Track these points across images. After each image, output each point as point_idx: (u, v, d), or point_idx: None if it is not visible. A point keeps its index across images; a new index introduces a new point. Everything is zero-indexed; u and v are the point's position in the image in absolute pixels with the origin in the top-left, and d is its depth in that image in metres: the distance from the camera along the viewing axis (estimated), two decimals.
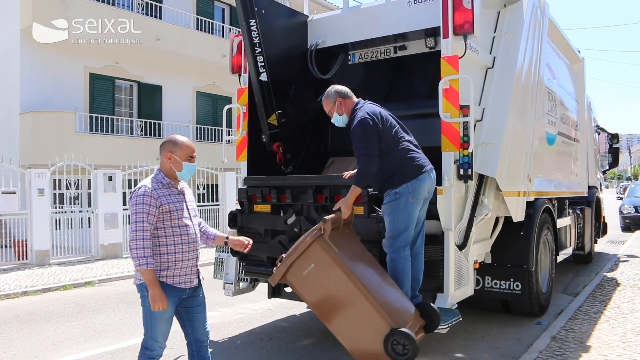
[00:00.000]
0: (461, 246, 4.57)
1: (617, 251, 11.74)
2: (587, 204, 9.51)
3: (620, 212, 16.90)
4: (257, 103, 5.41)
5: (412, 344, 3.47)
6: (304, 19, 6.16)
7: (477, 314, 6.12)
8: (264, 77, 5.29)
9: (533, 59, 5.76)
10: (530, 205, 5.86)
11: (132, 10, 16.34)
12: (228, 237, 3.67)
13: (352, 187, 4.01)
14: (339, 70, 6.24)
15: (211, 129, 18.48)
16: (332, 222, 3.71)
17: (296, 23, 6.06)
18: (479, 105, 4.93)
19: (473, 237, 4.74)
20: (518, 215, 5.41)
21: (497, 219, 5.50)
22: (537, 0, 5.96)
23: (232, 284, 5.61)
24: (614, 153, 12.61)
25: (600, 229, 11.02)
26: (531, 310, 5.97)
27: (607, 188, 45.68)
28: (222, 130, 5.90)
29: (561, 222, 7.29)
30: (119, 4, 16.25)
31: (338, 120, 4.39)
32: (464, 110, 4.36)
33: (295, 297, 5.02)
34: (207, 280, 3.65)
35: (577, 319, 5.87)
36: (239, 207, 5.32)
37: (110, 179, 11.50)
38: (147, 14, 16.48)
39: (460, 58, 4.40)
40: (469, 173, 4.44)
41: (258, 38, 5.21)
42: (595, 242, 10.59)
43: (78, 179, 11.63)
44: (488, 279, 5.78)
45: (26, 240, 10.52)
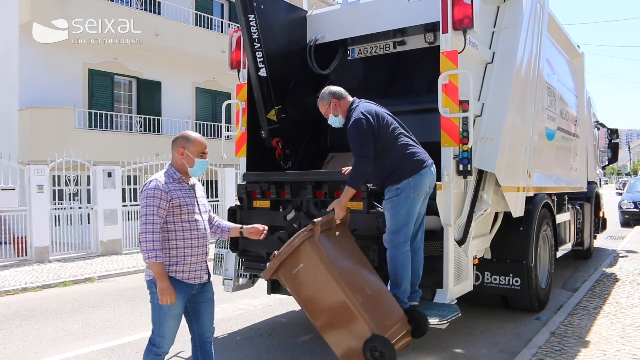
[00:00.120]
0: (460, 242, 4.57)
1: (617, 247, 11.74)
2: (587, 200, 9.51)
3: (620, 207, 16.92)
4: (256, 99, 5.40)
5: (389, 351, 3.48)
6: (303, 14, 6.15)
7: (477, 310, 6.13)
8: (263, 72, 5.28)
9: (532, 54, 5.74)
10: (529, 201, 5.86)
11: (130, 5, 16.31)
12: (242, 226, 3.69)
13: (346, 188, 3.99)
14: (338, 66, 6.24)
15: (210, 124, 18.47)
16: (324, 224, 3.73)
17: (295, 18, 6.05)
18: (479, 100, 4.92)
19: (472, 232, 4.73)
20: (517, 211, 5.41)
21: (496, 215, 5.49)
22: None
23: (231, 279, 5.61)
24: (613, 148, 12.61)
25: (600, 224, 11.03)
26: (530, 305, 5.98)
27: (607, 183, 45.68)
28: (221, 126, 5.87)
29: (560, 218, 7.29)
30: (118, 0, 16.19)
31: (334, 122, 4.38)
32: (464, 105, 4.35)
33: None
34: None
35: (576, 314, 5.89)
36: (238, 203, 5.32)
37: (109, 175, 11.48)
38: (146, 10, 16.44)
39: (459, 53, 4.39)
40: (469, 168, 4.42)
41: (257, 33, 5.19)
42: (595, 237, 10.60)
43: (77, 175, 11.63)
44: (487, 275, 5.79)
45: (26, 237, 10.52)
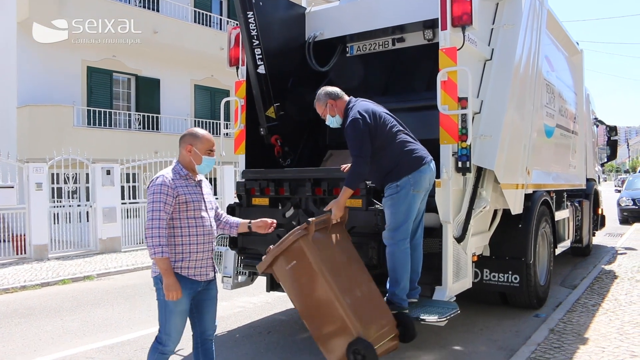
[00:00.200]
0: (459, 239, 4.56)
1: (615, 244, 11.76)
2: (585, 197, 9.52)
3: (619, 204, 16.94)
4: (254, 96, 5.39)
5: (370, 355, 3.49)
6: (301, 11, 6.13)
7: (476, 307, 6.13)
8: (261, 69, 5.27)
9: (531, 50, 5.74)
10: (528, 198, 5.86)
11: (129, 3, 16.25)
12: (250, 221, 3.69)
13: (344, 188, 3.98)
14: (337, 63, 6.23)
15: (209, 122, 18.43)
16: (320, 223, 3.74)
17: (294, 15, 6.03)
18: (477, 97, 4.91)
19: (471, 229, 4.72)
20: (516, 208, 5.41)
21: (495, 212, 5.49)
22: None
23: (230, 277, 5.61)
24: (612, 145, 12.60)
25: (598, 221, 11.03)
26: (529, 302, 5.98)
27: (605, 181, 45.70)
28: (220, 123, 5.87)
29: (559, 215, 7.30)
30: None
31: (332, 122, 4.38)
32: (462, 102, 4.34)
33: None
34: None
35: (575, 311, 5.89)
36: (237, 201, 5.32)
37: (108, 172, 11.46)
38: (144, 7, 16.39)
39: (458, 50, 4.37)
40: (467, 165, 4.42)
41: (256, 30, 5.18)
42: (593, 234, 10.61)
43: (76, 173, 11.60)
44: (486, 272, 5.79)
45: (24, 235, 10.50)
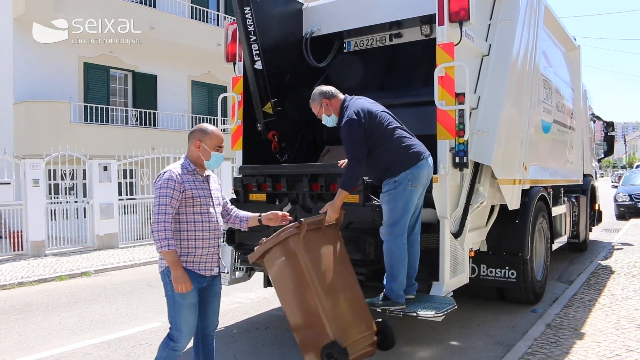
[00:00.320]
0: (457, 234, 4.57)
1: (612, 239, 11.79)
2: (582, 192, 9.53)
3: (615, 200, 16.97)
4: (252, 92, 5.39)
5: None
6: (298, 6, 6.12)
7: (473, 302, 6.15)
8: (258, 65, 5.26)
9: (529, 46, 5.73)
10: (525, 194, 5.87)
11: None
12: (261, 215, 3.68)
13: (339, 191, 3.97)
14: (335, 59, 6.23)
15: (206, 118, 18.39)
16: (313, 224, 3.75)
17: (291, 11, 6.02)
18: (475, 93, 4.91)
19: (468, 225, 4.73)
20: (513, 204, 5.42)
21: (492, 207, 5.49)
22: None
23: (227, 273, 5.61)
24: (609, 141, 12.62)
25: (595, 217, 11.06)
26: (526, 298, 6.00)
27: (602, 176, 45.86)
28: (217, 119, 5.86)
29: (556, 210, 7.31)
30: None
31: (328, 121, 4.37)
32: (460, 97, 4.35)
33: None
34: None
35: (572, 306, 5.92)
36: (234, 197, 5.32)
37: (105, 169, 11.44)
38: (141, 3, 16.31)
39: (455, 45, 4.37)
40: (465, 161, 4.42)
41: (253, 26, 5.17)
42: (590, 230, 10.63)
43: (73, 169, 11.57)
44: (483, 267, 5.80)
45: (21, 231, 10.48)
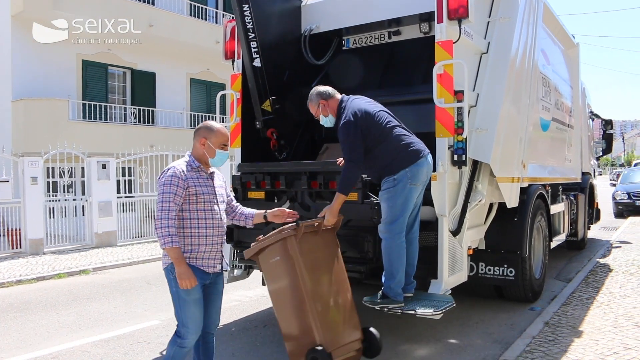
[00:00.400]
0: (455, 232, 4.57)
1: (610, 237, 11.80)
2: (581, 190, 9.54)
3: (614, 198, 16.97)
4: (250, 89, 5.38)
5: None
6: (297, 4, 6.10)
7: (471, 300, 6.15)
8: (257, 62, 5.25)
9: (528, 44, 5.72)
10: (524, 191, 5.87)
11: None
12: (266, 211, 3.68)
13: (337, 194, 3.96)
14: (333, 56, 6.21)
15: (205, 116, 18.38)
16: (310, 227, 3.75)
17: (290, 8, 6.00)
18: (473, 90, 4.89)
19: (467, 223, 4.73)
20: (512, 201, 5.41)
21: (491, 205, 5.49)
22: None
23: (226, 271, 5.59)
24: (607, 139, 12.64)
25: (594, 215, 11.07)
26: (524, 296, 6.00)
27: (601, 174, 45.83)
28: (216, 117, 5.85)
29: (555, 208, 7.31)
30: None
31: (325, 122, 4.36)
32: (458, 95, 4.34)
33: None
34: None
35: (570, 304, 5.92)
36: (232, 194, 5.31)
37: (104, 166, 11.42)
38: (139, 0, 16.27)
39: (454, 43, 4.36)
40: (463, 159, 4.42)
41: (251, 23, 5.16)
42: (589, 228, 10.65)
43: (71, 167, 11.56)
44: (482, 265, 5.80)
45: (20, 229, 10.47)
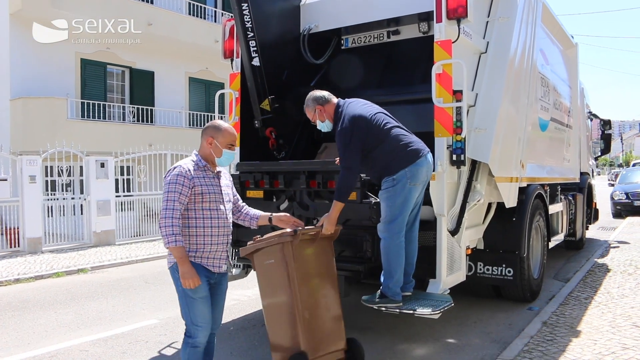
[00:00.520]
0: (454, 232, 4.57)
1: (608, 237, 11.81)
2: (579, 190, 9.55)
3: (612, 198, 17.01)
4: (249, 88, 5.37)
5: None
6: (296, 3, 6.09)
7: (469, 300, 6.16)
8: (256, 62, 5.25)
9: (526, 44, 5.72)
10: (522, 191, 5.87)
11: None
12: (272, 214, 3.67)
13: (334, 202, 3.92)
14: (332, 55, 6.21)
15: (204, 115, 18.38)
16: (307, 235, 3.75)
17: (289, 7, 5.99)
18: (472, 90, 4.90)
19: (465, 222, 4.74)
20: (510, 201, 5.42)
21: (489, 205, 5.50)
22: None
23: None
24: (606, 139, 12.66)
25: (592, 215, 11.09)
26: (523, 295, 6.01)
27: (599, 174, 45.91)
28: (214, 116, 5.84)
29: (553, 208, 7.32)
30: None
31: (322, 127, 4.34)
32: (457, 95, 4.34)
33: None
34: None
35: (568, 304, 5.93)
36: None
37: (102, 165, 11.41)
38: None
39: (453, 43, 4.36)
40: (462, 159, 4.42)
41: (250, 22, 5.15)
42: (587, 228, 10.65)
43: (70, 166, 11.55)
44: (480, 265, 5.81)
45: (18, 228, 10.45)
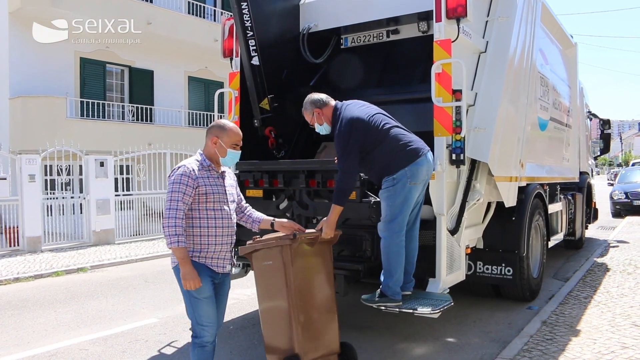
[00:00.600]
0: (453, 231, 4.57)
1: (608, 237, 11.82)
2: (579, 190, 9.55)
3: (611, 198, 17.01)
4: (249, 87, 5.37)
5: None
6: (296, 2, 6.08)
7: (469, 299, 6.16)
8: (255, 61, 5.24)
9: (526, 43, 5.72)
10: (522, 191, 5.87)
11: None
12: (274, 219, 3.66)
13: (333, 206, 3.92)
14: (332, 55, 6.21)
15: (203, 114, 18.38)
16: (306, 239, 3.75)
17: (288, 6, 5.99)
18: (472, 89, 4.90)
19: (465, 222, 4.74)
20: (510, 201, 5.42)
21: (489, 204, 5.50)
22: None
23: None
24: (605, 139, 12.66)
25: (591, 214, 11.08)
26: (522, 295, 6.01)
27: (598, 174, 45.96)
28: (214, 115, 5.83)
29: (552, 208, 7.32)
30: None
31: (321, 130, 4.33)
32: (457, 94, 4.34)
33: None
34: None
35: (568, 303, 5.93)
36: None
37: (101, 164, 11.41)
38: None
39: (453, 42, 4.36)
40: (461, 158, 4.42)
41: (250, 21, 5.15)
42: (586, 227, 10.65)
43: (69, 165, 11.54)
44: (480, 264, 5.81)
45: (17, 227, 10.45)
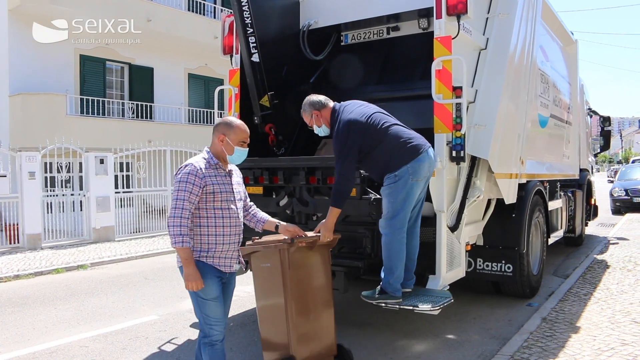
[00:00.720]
0: (453, 228, 4.58)
1: (607, 234, 11.83)
2: (579, 187, 9.56)
3: (611, 195, 17.03)
4: (249, 84, 5.37)
5: None
6: None
7: (469, 296, 6.17)
8: (255, 58, 5.24)
9: (526, 40, 5.72)
10: (522, 188, 5.87)
11: None
12: (279, 222, 3.65)
13: (330, 209, 3.91)
14: (332, 52, 6.20)
15: (203, 111, 18.37)
16: (305, 242, 3.75)
17: (288, 3, 5.99)
18: (472, 86, 4.90)
19: (465, 219, 4.74)
20: (510, 198, 5.42)
21: (489, 201, 5.50)
22: None
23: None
24: (605, 136, 12.66)
25: (591, 211, 11.09)
26: (522, 292, 6.02)
27: (598, 171, 45.93)
28: (214, 112, 5.83)
29: (552, 205, 7.32)
30: None
31: (320, 131, 4.33)
32: (457, 91, 4.33)
33: None
34: None
35: (567, 300, 5.94)
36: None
37: (101, 161, 11.41)
38: None
39: (453, 39, 4.36)
40: (462, 155, 4.42)
41: (250, 18, 5.15)
42: (586, 224, 10.66)
43: (69, 162, 11.53)
44: (480, 261, 5.81)
45: (17, 224, 10.45)
